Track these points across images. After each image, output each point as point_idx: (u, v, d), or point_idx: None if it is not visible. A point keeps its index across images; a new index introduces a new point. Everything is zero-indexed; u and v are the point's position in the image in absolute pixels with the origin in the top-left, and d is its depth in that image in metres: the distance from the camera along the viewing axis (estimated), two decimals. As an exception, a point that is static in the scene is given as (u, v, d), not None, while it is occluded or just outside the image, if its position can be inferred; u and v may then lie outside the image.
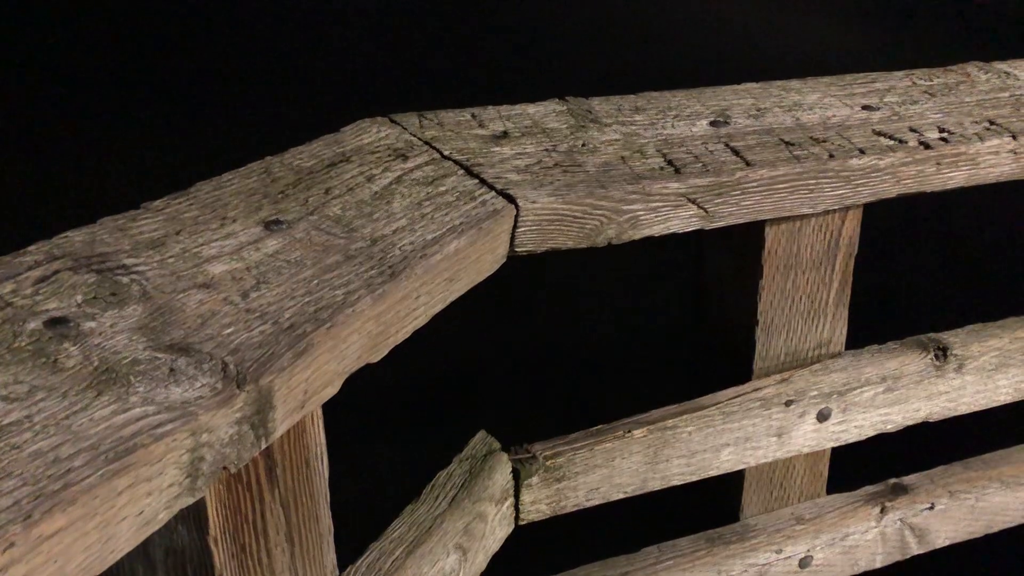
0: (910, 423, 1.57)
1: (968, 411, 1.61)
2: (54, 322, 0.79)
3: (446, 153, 1.26)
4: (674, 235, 1.32)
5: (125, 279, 0.87)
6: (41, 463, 0.64)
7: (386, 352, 0.98)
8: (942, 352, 1.53)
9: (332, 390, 0.90)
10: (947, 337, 1.56)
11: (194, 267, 0.91)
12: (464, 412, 2.68)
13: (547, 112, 1.42)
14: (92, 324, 0.80)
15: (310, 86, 6.07)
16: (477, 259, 1.12)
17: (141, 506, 0.67)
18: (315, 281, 0.92)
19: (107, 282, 0.86)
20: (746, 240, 1.42)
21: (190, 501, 0.73)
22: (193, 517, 0.85)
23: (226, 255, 0.94)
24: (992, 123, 1.45)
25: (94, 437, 0.67)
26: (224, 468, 0.75)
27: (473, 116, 1.39)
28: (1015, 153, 1.43)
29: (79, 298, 0.83)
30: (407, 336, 1.02)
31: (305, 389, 0.85)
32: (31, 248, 0.89)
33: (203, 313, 0.84)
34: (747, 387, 1.44)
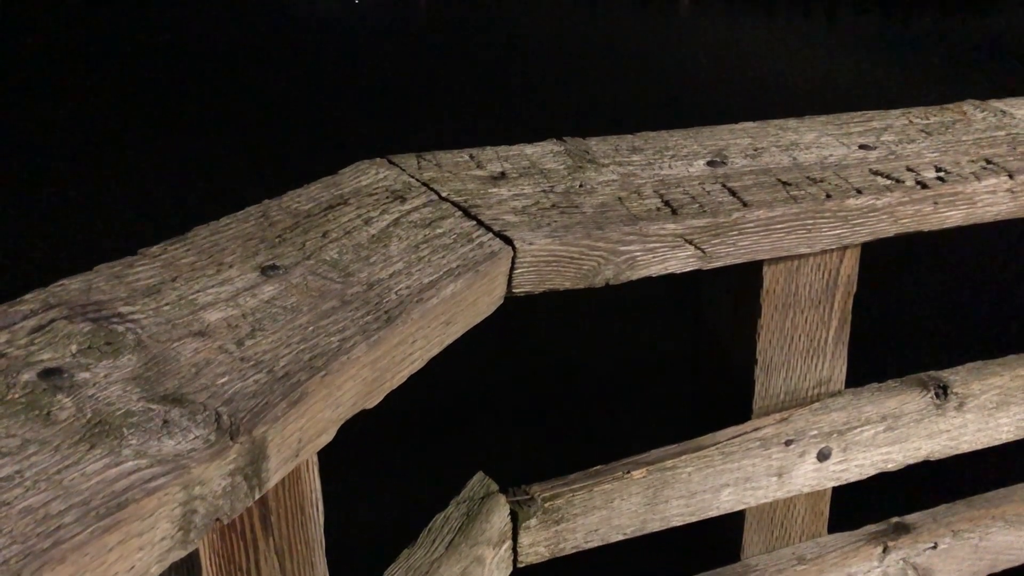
0: (911, 462, 1.56)
1: (970, 449, 1.60)
2: (48, 373, 0.79)
3: (444, 194, 1.26)
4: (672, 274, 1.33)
5: (120, 328, 0.87)
6: (31, 520, 0.63)
7: (382, 398, 0.98)
8: (942, 390, 1.53)
9: (327, 438, 0.90)
10: (947, 375, 1.55)
11: (190, 314, 0.91)
12: (462, 444, 2.68)
13: (544, 153, 1.43)
14: (86, 375, 0.80)
15: (311, 125, 6.12)
16: (474, 302, 1.12)
17: (132, 561, 0.67)
18: (311, 328, 0.92)
19: (102, 331, 0.86)
20: (744, 279, 1.42)
21: (182, 554, 0.73)
22: (186, 567, 0.84)
23: (222, 302, 0.94)
24: (989, 162, 1.45)
25: (85, 492, 0.67)
26: (217, 520, 0.75)
27: (471, 157, 1.40)
28: (1012, 192, 1.43)
29: (74, 348, 0.83)
30: (403, 381, 1.01)
31: (299, 438, 0.84)
32: (27, 297, 0.89)
33: (198, 362, 0.84)
34: (746, 426, 1.43)
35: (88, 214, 4.80)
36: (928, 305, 3.36)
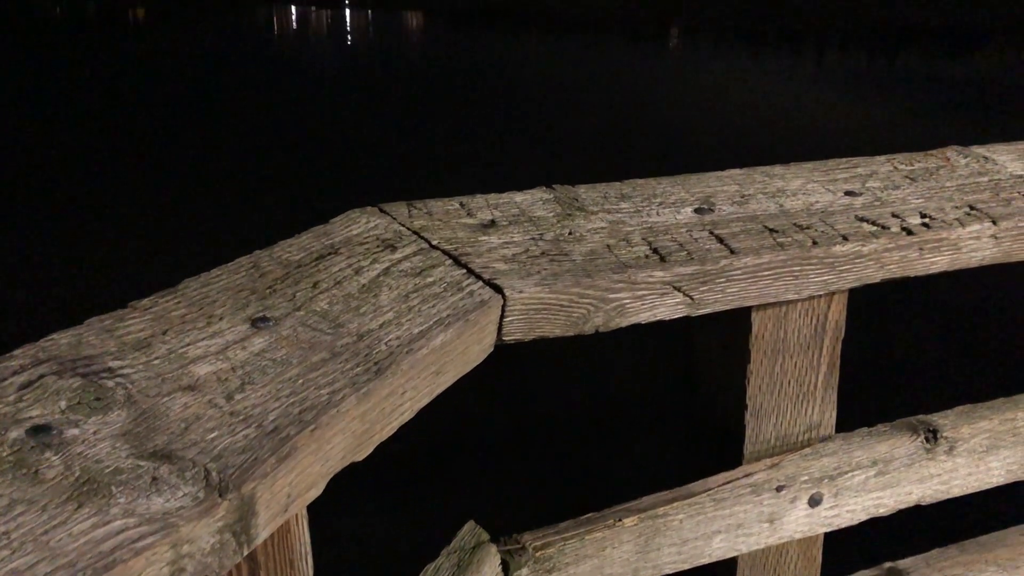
0: (903, 507, 1.56)
1: (961, 494, 1.60)
2: (37, 430, 0.79)
3: (434, 243, 1.27)
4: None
5: (110, 383, 0.87)
6: None
7: (371, 450, 0.98)
8: (932, 435, 1.53)
9: (316, 492, 0.89)
10: (937, 419, 1.56)
11: (179, 368, 0.91)
12: (450, 490, 2.67)
13: (534, 200, 1.44)
14: (75, 431, 0.80)
15: (303, 171, 6.17)
16: (464, 351, 1.13)
17: None
18: (300, 380, 0.92)
19: (92, 386, 0.86)
20: (733, 325, 1.42)
21: None
22: None
23: (212, 355, 0.94)
24: (972, 208, 1.47)
25: (72, 554, 0.66)
26: None
27: (462, 205, 1.41)
28: (996, 238, 1.44)
29: (63, 404, 0.83)
30: (392, 432, 1.01)
31: (288, 493, 0.84)
32: (17, 352, 0.89)
33: (187, 417, 0.84)
34: (737, 472, 1.43)
35: (79, 264, 4.81)
36: (916, 347, 3.39)
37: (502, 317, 1.18)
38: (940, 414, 1.57)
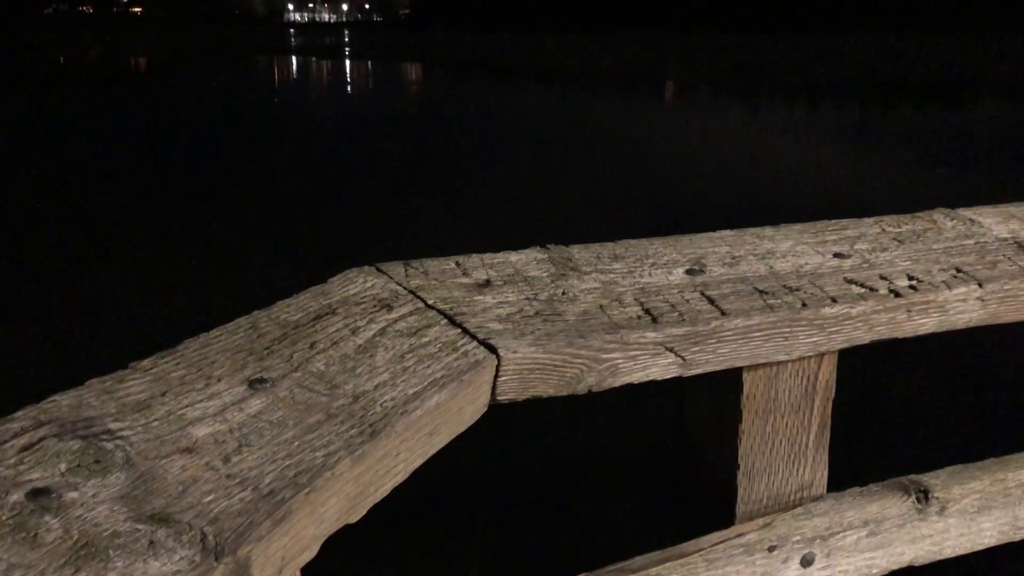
0: (895, 567, 1.56)
1: (953, 555, 1.60)
2: (36, 493, 0.80)
3: (430, 302, 1.29)
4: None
5: (110, 445, 0.88)
6: None
7: (365, 512, 0.99)
8: (923, 495, 1.54)
9: (310, 554, 0.90)
10: (928, 479, 1.57)
11: (178, 430, 0.92)
12: (442, 546, 2.65)
13: (529, 260, 1.47)
14: (75, 494, 0.81)
15: (304, 226, 6.22)
16: (458, 411, 1.14)
17: None
18: (296, 443, 0.93)
19: (92, 448, 0.87)
20: (725, 385, 1.44)
21: None
22: None
23: (210, 417, 0.95)
24: (959, 270, 1.50)
25: None
26: None
27: (457, 264, 1.44)
28: (982, 300, 1.47)
29: (63, 466, 0.84)
30: (386, 494, 1.02)
31: (283, 556, 0.85)
32: (18, 414, 0.91)
33: (185, 480, 0.85)
34: (730, 532, 1.44)
35: (81, 323, 4.83)
36: (906, 403, 3.41)
37: (496, 377, 1.19)
38: (931, 474, 1.58)
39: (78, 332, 4.73)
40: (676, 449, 1.61)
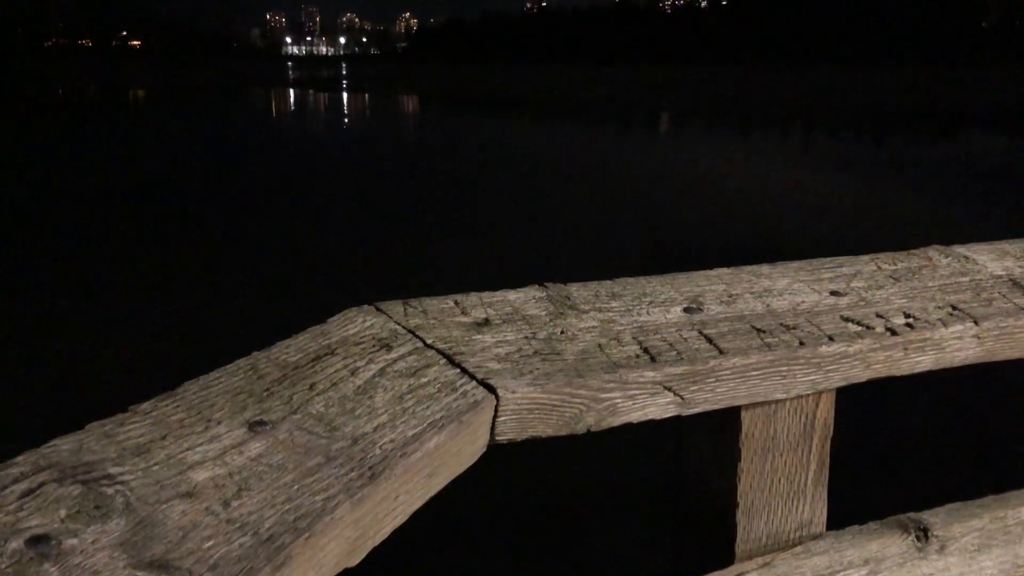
0: (896, 606, 1.55)
1: None
2: (36, 540, 0.80)
3: (429, 342, 1.29)
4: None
5: (110, 490, 0.88)
6: None
7: (363, 555, 0.98)
8: (923, 533, 1.54)
9: None
10: (927, 517, 1.56)
11: (178, 475, 0.92)
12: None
13: (527, 299, 1.48)
14: (74, 541, 0.81)
15: (302, 263, 6.23)
16: (457, 452, 1.14)
17: None
18: (296, 486, 0.93)
19: (92, 494, 0.87)
20: (723, 423, 1.44)
21: None
22: None
23: (210, 460, 0.95)
24: (955, 308, 1.51)
25: None
26: None
27: (456, 303, 1.44)
28: (978, 338, 1.48)
29: (63, 513, 0.84)
30: (385, 537, 1.02)
31: None
32: (18, 459, 0.90)
33: (185, 525, 0.85)
34: (730, 572, 1.43)
35: (82, 365, 4.82)
36: (904, 439, 3.41)
37: (495, 417, 1.19)
38: (930, 512, 1.58)
39: (77, 372, 4.72)
40: (675, 486, 1.60)
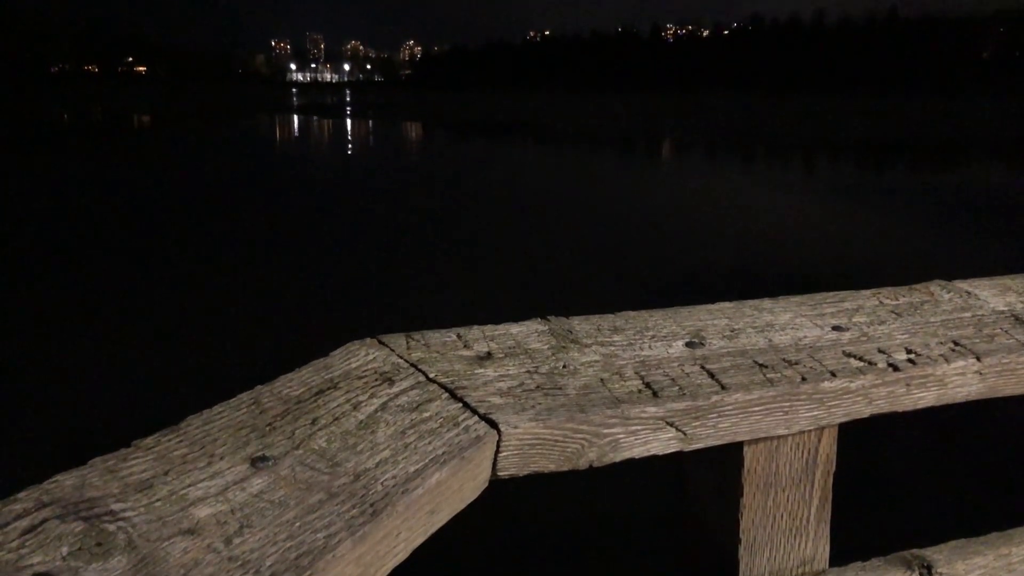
0: (900, 644, 1.54)
1: None
2: None
3: (431, 376, 1.29)
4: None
5: (112, 527, 0.88)
6: None
7: None
8: (927, 570, 1.53)
9: None
10: (931, 554, 1.55)
11: (180, 511, 0.92)
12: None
13: (529, 332, 1.48)
14: None
15: (308, 297, 6.23)
16: (459, 488, 1.14)
17: None
18: (297, 523, 0.93)
19: (94, 530, 0.87)
20: (726, 459, 1.44)
21: None
22: None
23: (212, 497, 0.95)
24: (956, 344, 1.51)
25: None
26: None
27: (459, 337, 1.44)
28: (980, 374, 1.48)
29: (65, 550, 0.84)
30: (387, 574, 1.02)
31: None
32: (20, 495, 0.90)
33: (186, 563, 0.85)
34: None
35: (84, 398, 4.80)
36: (908, 476, 3.39)
37: (497, 452, 1.19)
38: (934, 548, 1.57)
39: (81, 402, 4.71)
40: (678, 522, 1.60)
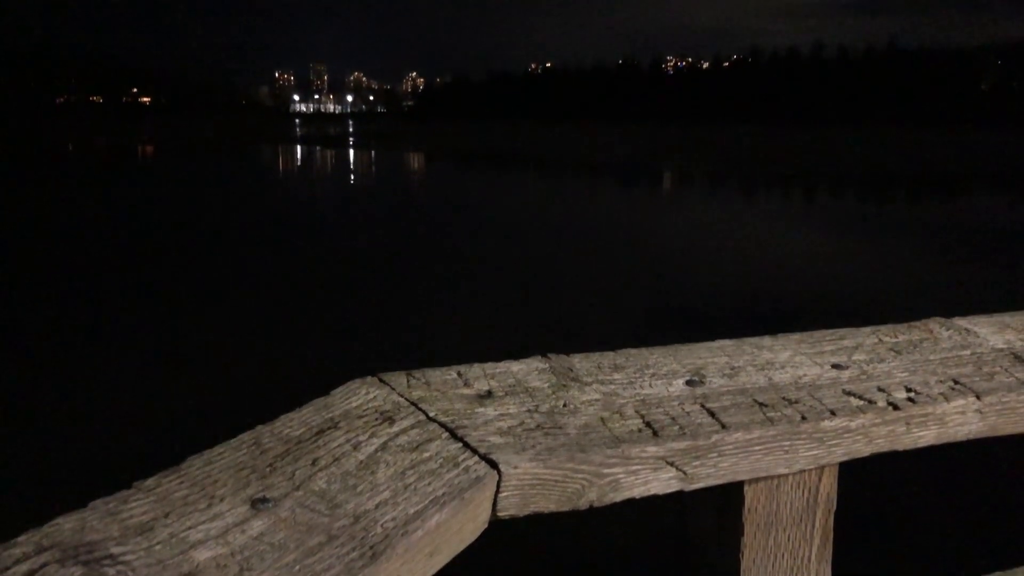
0: None
1: None
2: None
3: (432, 415, 1.30)
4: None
5: (111, 571, 0.88)
6: None
7: None
8: (929, 611, 1.52)
9: None
10: None
11: (180, 554, 0.92)
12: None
13: (530, 370, 1.48)
14: None
15: (309, 330, 6.24)
16: (459, 529, 1.13)
17: None
18: (297, 567, 0.93)
19: (94, 575, 0.87)
20: (726, 498, 1.44)
21: None
22: None
23: (212, 539, 0.95)
24: (956, 382, 1.51)
25: None
26: None
27: (459, 375, 1.45)
28: (981, 413, 1.48)
29: None
30: None
31: None
32: (20, 539, 0.90)
33: None
34: None
35: (85, 439, 4.79)
36: (910, 515, 3.37)
37: (497, 493, 1.19)
38: None
39: (80, 443, 4.69)
40: (678, 560, 1.59)
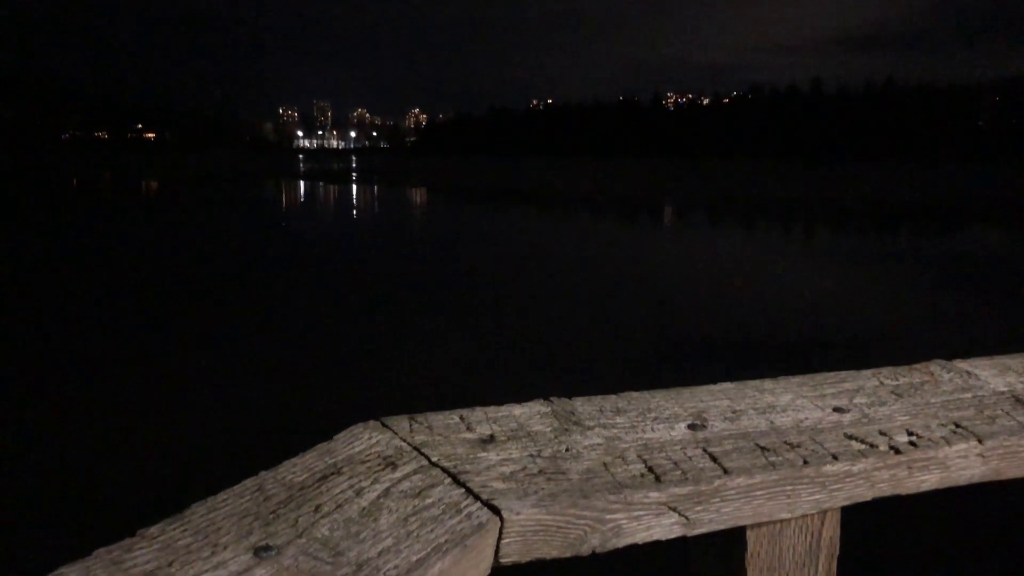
0: None
1: None
2: None
3: (434, 459, 1.30)
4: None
5: None
6: None
7: None
8: (935, 657, 1.51)
9: None
10: None
11: None
12: None
13: (532, 414, 1.48)
14: None
15: (311, 370, 6.23)
16: None
17: None
18: None
19: None
20: (729, 543, 1.43)
21: None
22: None
23: None
24: (958, 426, 1.51)
25: None
26: None
27: (461, 419, 1.45)
28: (983, 457, 1.47)
29: None
30: None
31: None
32: None
33: None
34: None
35: (88, 485, 4.78)
36: (911, 559, 3.34)
37: (499, 539, 1.19)
38: None
39: (83, 487, 4.67)
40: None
